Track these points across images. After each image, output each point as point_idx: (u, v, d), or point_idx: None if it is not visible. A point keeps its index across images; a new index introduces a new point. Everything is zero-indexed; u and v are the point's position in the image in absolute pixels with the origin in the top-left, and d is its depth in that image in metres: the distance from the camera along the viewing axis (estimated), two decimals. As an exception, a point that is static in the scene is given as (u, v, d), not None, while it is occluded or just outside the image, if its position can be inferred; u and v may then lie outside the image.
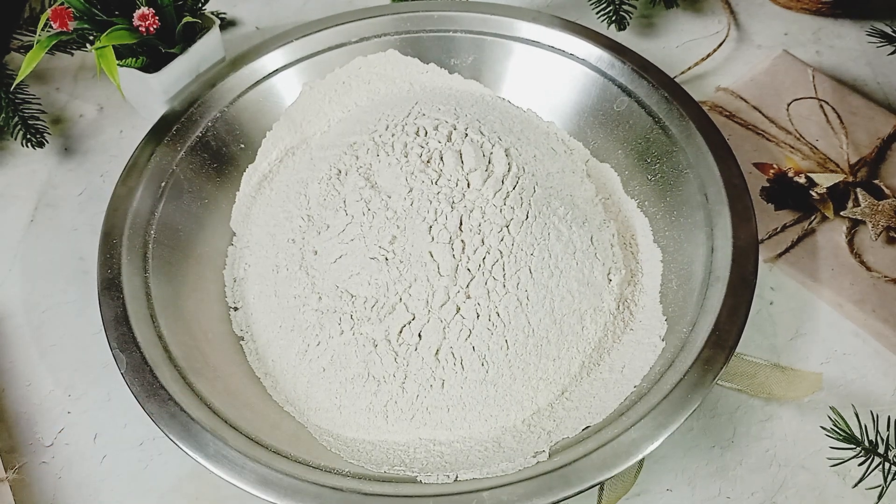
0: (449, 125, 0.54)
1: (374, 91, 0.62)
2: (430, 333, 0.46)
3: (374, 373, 0.46)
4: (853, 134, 0.61)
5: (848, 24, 0.72)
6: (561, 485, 0.40)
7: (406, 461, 0.44)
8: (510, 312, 0.46)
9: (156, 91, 0.60)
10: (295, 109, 0.61)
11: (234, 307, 0.54)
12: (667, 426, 0.41)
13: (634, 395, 0.45)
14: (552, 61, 0.61)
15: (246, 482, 0.40)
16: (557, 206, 0.51)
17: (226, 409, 0.45)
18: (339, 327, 0.48)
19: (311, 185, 0.54)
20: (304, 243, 0.51)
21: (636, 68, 0.58)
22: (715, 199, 0.51)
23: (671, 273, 0.52)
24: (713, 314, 0.45)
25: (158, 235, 0.52)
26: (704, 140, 0.53)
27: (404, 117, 0.55)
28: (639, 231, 0.55)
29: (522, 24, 0.61)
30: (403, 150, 0.52)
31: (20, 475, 0.48)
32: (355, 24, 0.62)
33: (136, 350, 0.45)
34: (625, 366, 0.48)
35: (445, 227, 0.48)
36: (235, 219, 0.58)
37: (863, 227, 0.57)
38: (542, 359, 0.47)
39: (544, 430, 0.45)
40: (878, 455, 0.44)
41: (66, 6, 0.55)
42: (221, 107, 0.59)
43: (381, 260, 0.48)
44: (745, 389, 0.50)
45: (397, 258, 0.48)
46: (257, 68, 0.60)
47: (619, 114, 0.58)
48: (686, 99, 0.56)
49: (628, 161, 0.58)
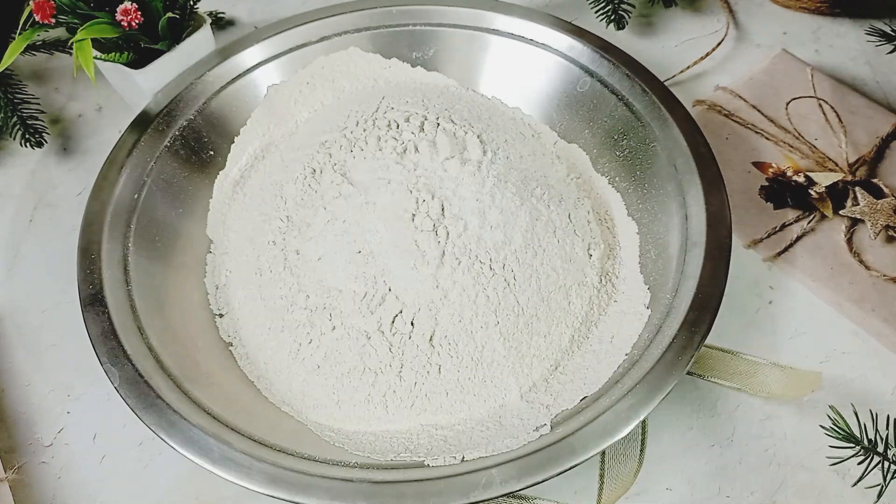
0: (420, 116, 0.54)
1: (339, 89, 0.63)
2: (422, 321, 0.47)
3: (370, 365, 0.47)
4: (852, 133, 0.61)
5: (847, 23, 0.72)
6: (567, 454, 0.41)
7: (411, 448, 0.44)
8: (499, 293, 0.47)
9: (141, 87, 0.60)
10: (261, 113, 0.61)
11: (220, 314, 0.53)
12: (662, 389, 0.42)
13: (627, 362, 0.46)
14: (513, 48, 0.61)
15: (255, 483, 0.40)
16: (534, 187, 0.52)
17: (224, 413, 0.45)
18: (330, 323, 0.48)
19: (286, 187, 0.54)
20: (285, 244, 0.51)
21: (597, 49, 0.59)
22: (684, 169, 0.52)
23: (648, 244, 0.53)
24: (694, 279, 0.47)
25: (136, 247, 0.52)
26: (669, 113, 0.54)
27: (373, 112, 0.56)
28: (613, 206, 0.56)
29: (482, 13, 0.62)
30: (377, 144, 0.52)
31: (20, 475, 0.48)
32: (315, 24, 0.62)
33: (127, 363, 0.45)
34: (614, 336, 0.49)
35: (428, 216, 0.48)
36: (212, 226, 0.57)
37: (862, 226, 0.57)
38: (534, 336, 0.48)
39: (543, 405, 0.46)
40: (877, 454, 0.44)
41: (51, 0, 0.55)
42: (188, 114, 0.58)
43: (367, 253, 0.48)
44: (744, 388, 0.50)
45: (383, 250, 0.48)
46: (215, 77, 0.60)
47: (582, 94, 0.59)
48: (648, 75, 0.57)
49: (595, 140, 0.59)
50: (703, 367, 0.50)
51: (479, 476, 0.40)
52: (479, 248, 0.48)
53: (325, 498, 0.40)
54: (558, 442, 0.41)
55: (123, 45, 0.59)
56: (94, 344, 0.46)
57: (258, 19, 0.75)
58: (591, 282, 0.51)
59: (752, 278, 0.56)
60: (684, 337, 0.44)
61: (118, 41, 0.58)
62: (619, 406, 0.42)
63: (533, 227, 0.50)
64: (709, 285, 0.46)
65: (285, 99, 0.62)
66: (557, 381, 0.48)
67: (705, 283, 0.46)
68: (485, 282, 0.47)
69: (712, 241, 0.48)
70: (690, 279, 0.47)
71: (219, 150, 0.59)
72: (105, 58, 0.58)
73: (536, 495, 0.45)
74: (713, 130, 0.62)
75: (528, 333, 0.48)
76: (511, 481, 0.40)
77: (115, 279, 0.49)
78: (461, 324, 0.47)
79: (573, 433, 0.41)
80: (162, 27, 0.59)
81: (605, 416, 0.42)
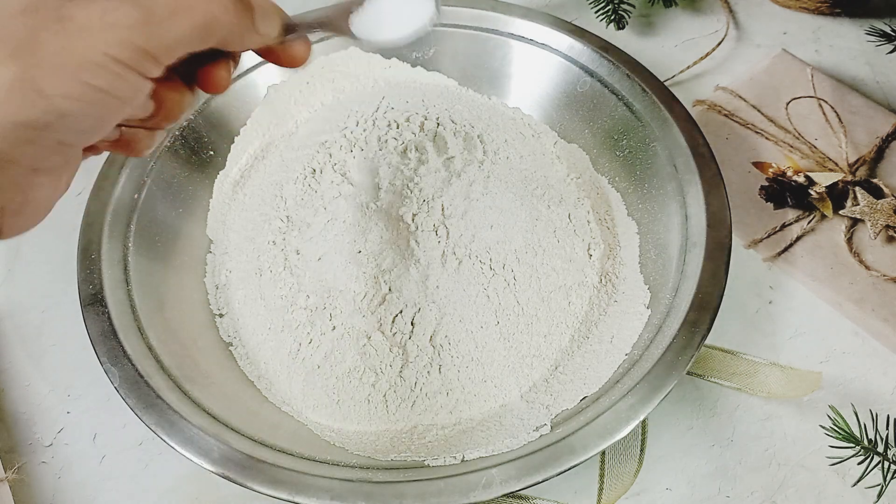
0: (420, 116, 0.54)
1: (339, 89, 0.62)
2: (422, 321, 0.47)
3: (371, 364, 0.47)
4: (852, 133, 0.61)
5: (847, 23, 0.72)
6: (567, 454, 0.41)
7: (412, 447, 0.44)
8: (499, 293, 0.47)
9: None
10: (261, 113, 0.61)
11: (220, 314, 0.53)
12: (662, 389, 0.42)
13: (627, 362, 0.46)
14: (513, 48, 0.61)
15: (255, 483, 0.40)
16: (534, 187, 0.52)
17: (224, 413, 0.45)
18: (331, 323, 0.48)
19: (286, 187, 0.54)
20: (285, 244, 0.51)
21: (597, 49, 0.59)
22: (684, 169, 0.52)
23: (648, 244, 0.53)
24: (694, 279, 0.47)
25: (136, 247, 0.51)
26: (668, 112, 0.54)
27: (374, 112, 0.56)
28: (613, 206, 0.56)
29: (482, 13, 0.62)
30: (378, 144, 0.52)
31: (19, 475, 0.48)
32: None
33: (127, 363, 0.45)
34: (614, 336, 0.49)
35: (428, 215, 0.48)
36: (211, 226, 0.57)
37: (862, 226, 0.57)
38: (534, 336, 0.48)
39: (543, 405, 0.46)
40: (877, 454, 0.44)
41: None
42: (188, 114, 0.58)
43: (367, 253, 0.48)
44: (744, 388, 0.50)
45: (383, 250, 0.48)
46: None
47: (582, 94, 0.59)
48: (648, 75, 0.57)
49: (595, 140, 0.59)
50: (703, 367, 0.50)
51: (479, 476, 0.40)
52: (479, 248, 0.48)
53: (325, 498, 0.40)
54: (558, 442, 0.41)
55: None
56: (94, 344, 0.46)
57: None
58: (591, 282, 0.51)
59: (752, 278, 0.56)
60: (684, 337, 0.44)
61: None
62: (619, 406, 0.42)
63: (533, 227, 0.50)
64: (709, 285, 0.46)
65: (285, 99, 0.62)
66: (557, 381, 0.48)
67: (705, 283, 0.46)
68: (485, 282, 0.47)
69: (712, 241, 0.48)
70: (690, 279, 0.47)
71: (219, 150, 0.59)
72: None
73: (536, 495, 0.45)
74: (713, 130, 0.62)
75: (528, 333, 0.48)
76: (511, 481, 0.40)
77: (115, 279, 0.49)
78: (461, 324, 0.47)
79: (573, 433, 0.41)
80: None
81: (605, 416, 0.42)
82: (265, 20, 0.31)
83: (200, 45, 0.29)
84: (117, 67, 0.26)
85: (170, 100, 0.31)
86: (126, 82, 0.27)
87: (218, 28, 0.29)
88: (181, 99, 0.32)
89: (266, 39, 0.32)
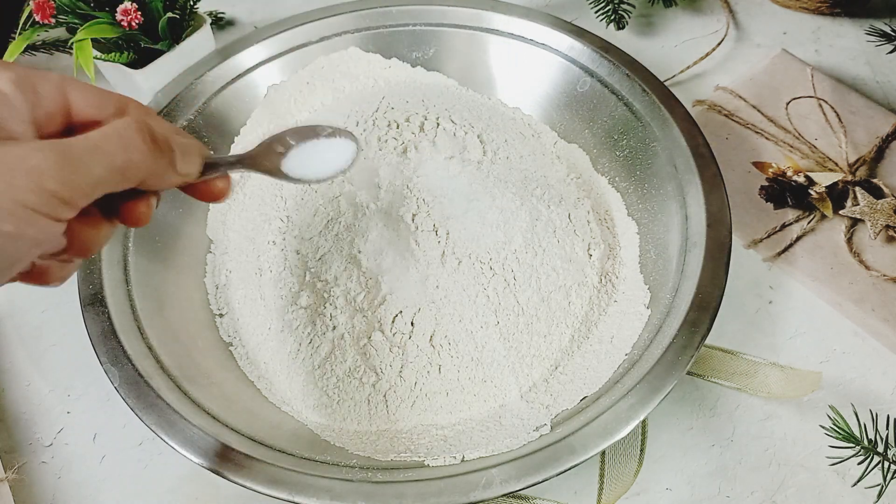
0: (420, 116, 0.54)
1: (339, 89, 0.63)
2: (422, 321, 0.47)
3: (371, 364, 0.47)
4: (852, 133, 0.61)
5: (847, 23, 0.72)
6: (566, 454, 0.40)
7: (411, 447, 0.44)
8: (499, 293, 0.47)
9: (141, 87, 0.60)
10: (261, 113, 0.61)
11: (220, 314, 0.53)
12: (662, 389, 0.42)
13: (626, 362, 0.46)
14: (513, 48, 0.61)
15: (255, 483, 0.40)
16: (534, 187, 0.52)
17: (224, 413, 0.45)
18: (331, 323, 0.48)
19: (286, 187, 0.54)
20: (285, 244, 0.51)
21: (597, 49, 0.59)
22: (684, 169, 0.52)
23: (648, 244, 0.53)
24: (694, 279, 0.47)
25: (137, 247, 0.51)
26: (669, 113, 0.54)
27: (374, 112, 0.56)
28: (613, 206, 0.56)
29: (482, 13, 0.62)
30: (378, 144, 0.52)
31: (20, 475, 0.48)
32: (315, 24, 0.62)
33: (127, 363, 0.45)
34: (613, 336, 0.49)
35: (428, 215, 0.48)
36: (211, 226, 0.57)
37: (862, 226, 0.57)
38: (534, 336, 0.48)
39: (543, 405, 0.46)
40: (877, 454, 0.44)
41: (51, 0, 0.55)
42: (188, 114, 0.58)
43: (367, 253, 0.48)
44: (744, 388, 0.50)
45: (383, 250, 0.48)
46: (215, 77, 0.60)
47: (582, 94, 0.59)
48: (648, 75, 0.57)
49: (595, 140, 0.59)
50: (703, 367, 0.50)
51: (479, 476, 0.40)
52: (479, 248, 0.48)
53: (325, 498, 0.40)
54: (558, 442, 0.41)
55: (123, 45, 0.59)
56: (94, 344, 0.46)
57: (258, 19, 0.75)
58: (590, 282, 0.51)
59: (752, 278, 0.56)
60: (684, 337, 0.44)
61: (118, 41, 0.59)
62: (619, 406, 0.42)
63: (533, 227, 0.50)
64: (709, 285, 0.46)
65: (285, 99, 0.62)
66: (557, 381, 0.48)
67: (705, 283, 0.46)
68: (485, 282, 0.47)
69: (712, 241, 0.48)
70: (690, 279, 0.47)
71: (219, 150, 0.59)
72: (105, 58, 0.58)
73: (536, 495, 0.45)
74: (713, 130, 0.62)
75: (528, 333, 0.48)
76: (511, 481, 0.40)
77: (115, 279, 0.49)
78: (461, 324, 0.47)
79: (573, 433, 0.41)
80: (162, 27, 0.59)
81: (605, 416, 0.42)
82: (185, 161, 0.31)
83: (118, 187, 0.29)
84: (27, 214, 0.26)
85: (85, 235, 0.30)
86: (36, 227, 0.26)
87: (135, 171, 0.29)
88: (97, 234, 0.31)
89: (187, 179, 0.32)
